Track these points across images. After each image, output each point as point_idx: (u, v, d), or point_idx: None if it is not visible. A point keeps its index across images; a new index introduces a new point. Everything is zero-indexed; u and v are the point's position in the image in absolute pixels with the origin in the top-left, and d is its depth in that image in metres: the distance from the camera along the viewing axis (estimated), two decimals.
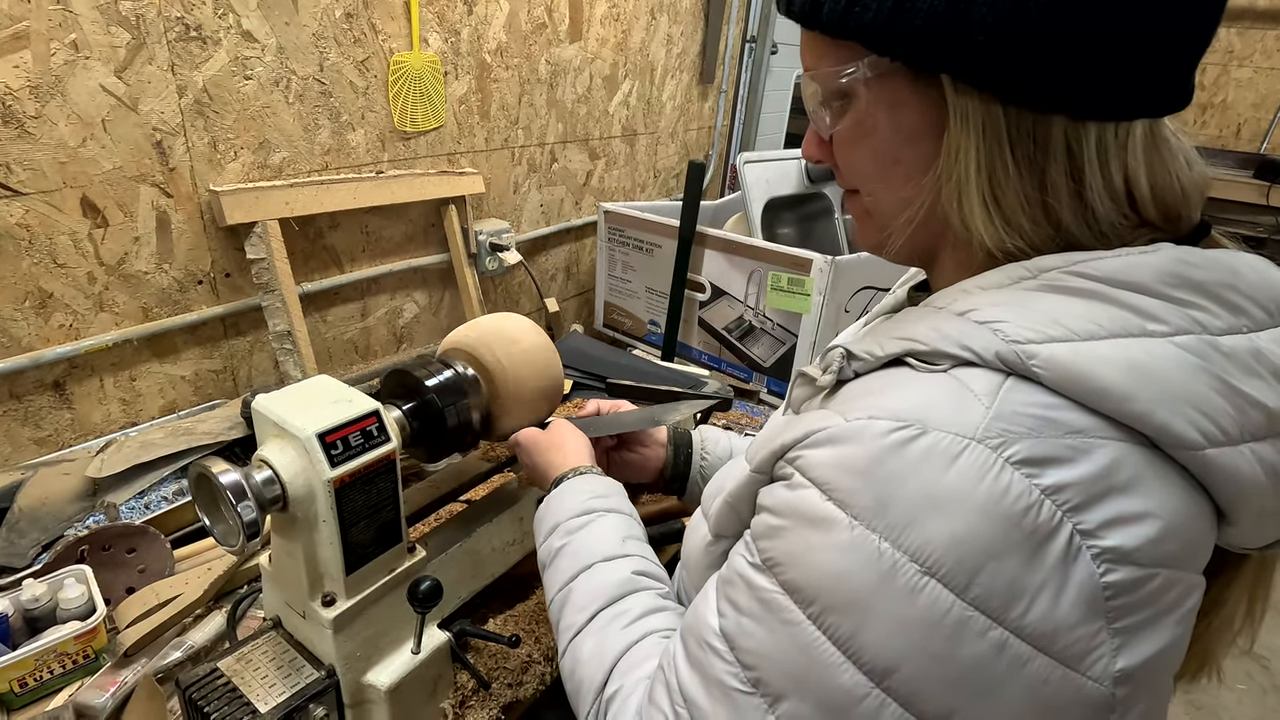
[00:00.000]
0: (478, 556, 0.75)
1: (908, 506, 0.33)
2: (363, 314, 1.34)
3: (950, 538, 0.32)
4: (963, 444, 0.32)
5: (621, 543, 0.56)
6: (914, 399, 0.35)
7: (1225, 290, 0.35)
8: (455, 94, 1.35)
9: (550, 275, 1.81)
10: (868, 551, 0.33)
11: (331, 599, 0.61)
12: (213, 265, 1.07)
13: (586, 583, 0.53)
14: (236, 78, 1.01)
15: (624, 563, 0.54)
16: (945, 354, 0.36)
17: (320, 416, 0.57)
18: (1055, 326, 0.34)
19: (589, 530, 0.57)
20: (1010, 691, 0.31)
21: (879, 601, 0.33)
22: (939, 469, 0.32)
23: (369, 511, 0.60)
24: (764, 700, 0.35)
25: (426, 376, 0.68)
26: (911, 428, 0.33)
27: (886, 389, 0.37)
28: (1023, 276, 0.37)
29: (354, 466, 0.57)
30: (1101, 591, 0.31)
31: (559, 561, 0.56)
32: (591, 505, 0.59)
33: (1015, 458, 0.32)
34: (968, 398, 0.34)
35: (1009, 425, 0.32)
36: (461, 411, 0.68)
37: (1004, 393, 0.33)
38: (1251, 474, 0.33)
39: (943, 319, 0.37)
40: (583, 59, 1.63)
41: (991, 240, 0.38)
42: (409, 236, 1.37)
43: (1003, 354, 0.34)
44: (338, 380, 0.64)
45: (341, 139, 1.18)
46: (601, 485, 0.61)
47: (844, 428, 0.36)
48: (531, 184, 1.62)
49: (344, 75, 1.15)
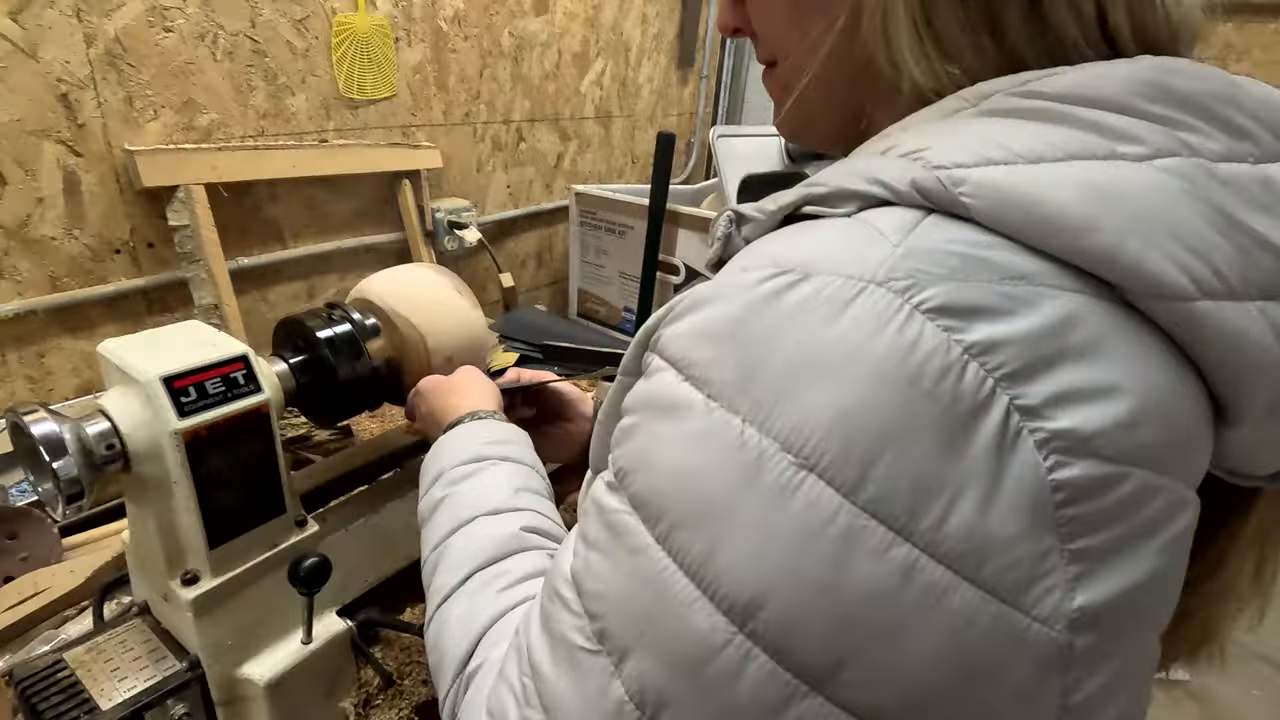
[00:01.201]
0: (389, 535, 0.66)
1: (779, 374, 0.24)
2: (309, 293, 1.25)
3: (835, 414, 0.23)
4: (856, 287, 0.24)
5: (513, 494, 0.47)
6: (801, 245, 0.26)
7: (1223, 106, 0.26)
8: (408, 62, 1.28)
9: (520, 261, 1.73)
10: (727, 440, 0.24)
11: (194, 576, 0.52)
12: (132, 233, 0.99)
13: (464, 539, 0.44)
14: (154, 29, 0.94)
15: (513, 517, 0.45)
16: (849, 193, 0.27)
17: (171, 359, 0.49)
18: (994, 149, 0.25)
19: (477, 479, 0.48)
20: (921, 635, 0.22)
21: (740, 510, 0.24)
22: (823, 321, 0.24)
23: (236, 474, 0.52)
24: (610, 659, 0.27)
25: (319, 327, 0.60)
26: (790, 273, 0.25)
27: (771, 240, 0.28)
28: (959, 107, 0.28)
29: (211, 418, 0.49)
30: (1050, 495, 0.22)
31: (438, 516, 0.47)
32: (484, 452, 0.50)
33: (930, 304, 0.23)
34: (872, 236, 0.25)
35: (922, 265, 0.24)
36: (358, 366, 0.60)
37: (921, 229, 0.25)
38: (1261, 341, 0.24)
39: (851, 160, 0.29)
40: (550, 34, 1.56)
41: (924, 76, 0.30)
42: (360, 212, 1.29)
43: (921, 182, 0.25)
44: (211, 327, 0.55)
45: (279, 103, 1.11)
46: (500, 431, 0.53)
47: (708, 287, 0.27)
48: (496, 163, 1.55)
49: (280, 34, 1.07)
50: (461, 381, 0.58)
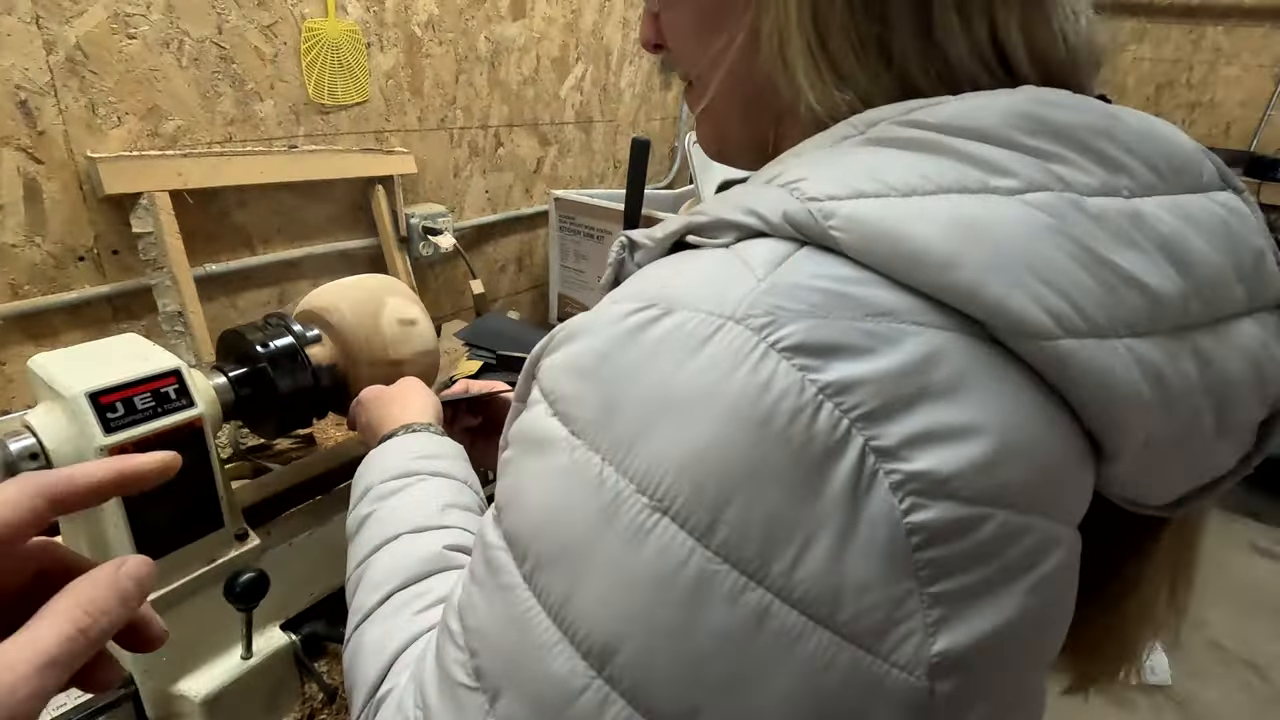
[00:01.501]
0: (336, 548, 0.66)
1: (637, 412, 0.24)
2: (280, 300, 1.25)
3: (687, 455, 0.23)
4: (715, 324, 0.23)
5: (440, 511, 0.46)
6: (672, 278, 0.26)
7: (1098, 139, 0.26)
8: (381, 67, 1.28)
9: (500, 266, 1.73)
10: (587, 478, 0.24)
11: None
12: (96, 241, 0.98)
13: (387, 557, 0.44)
14: (117, 36, 0.93)
15: (437, 535, 0.45)
16: (727, 223, 0.27)
17: (99, 374, 0.48)
18: (869, 180, 0.25)
19: (404, 495, 0.48)
20: (777, 682, 0.22)
21: (598, 551, 0.24)
22: (679, 358, 0.23)
23: (168, 490, 0.51)
24: (485, 698, 0.26)
25: (261, 340, 0.59)
26: (654, 308, 0.25)
27: (648, 270, 0.28)
28: (848, 134, 0.28)
29: (140, 434, 0.49)
30: (907, 538, 0.22)
31: (363, 532, 0.47)
32: (414, 467, 0.49)
33: (786, 342, 0.23)
34: (740, 270, 0.25)
35: (784, 301, 0.23)
36: (299, 378, 0.60)
37: (789, 263, 0.25)
38: (1128, 379, 0.24)
39: (742, 189, 0.29)
40: (528, 38, 1.56)
41: (820, 100, 0.30)
42: (332, 218, 1.29)
43: (793, 214, 0.25)
44: (147, 340, 0.55)
45: (247, 109, 1.10)
46: (433, 445, 0.52)
47: (581, 320, 0.27)
48: (474, 168, 1.55)
49: (247, 40, 1.07)
50: (400, 392, 0.58)
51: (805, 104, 0.30)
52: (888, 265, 0.24)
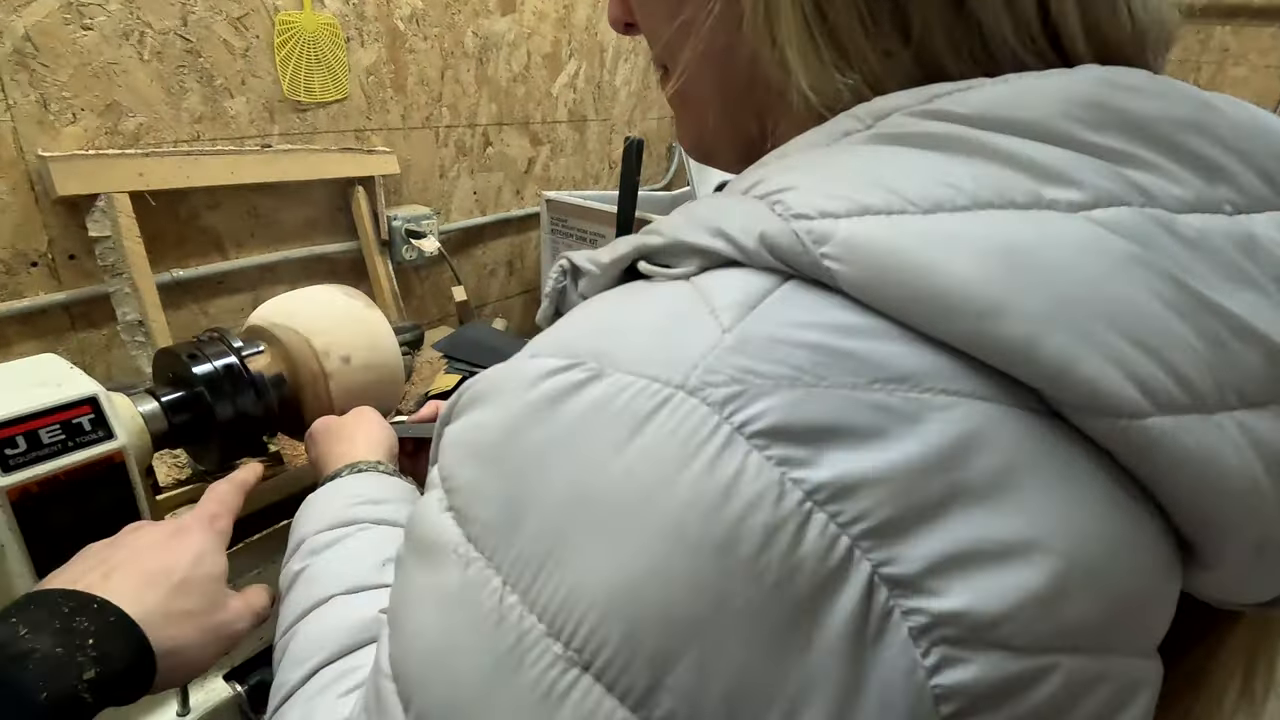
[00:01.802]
0: None
1: (549, 520, 0.18)
2: (255, 306, 1.19)
3: (615, 585, 0.17)
4: (659, 395, 0.17)
5: (379, 567, 0.40)
6: (607, 323, 0.20)
7: (1189, 136, 0.20)
8: (361, 63, 1.22)
9: (489, 270, 1.67)
10: (483, 610, 0.18)
11: None
12: (50, 245, 0.92)
13: (315, 625, 0.38)
14: (71, 26, 0.88)
15: (373, 597, 0.39)
16: (688, 247, 0.21)
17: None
18: (877, 191, 0.19)
19: (340, 548, 0.42)
20: None
21: (492, 715, 0.17)
22: (608, 445, 0.17)
23: (87, 532, 0.45)
24: None
25: (199, 360, 0.53)
26: (580, 367, 0.19)
27: (585, 310, 0.22)
28: (850, 129, 0.22)
29: (45, 471, 0.43)
30: (934, 706, 0.15)
31: (293, 592, 0.41)
32: (355, 514, 0.43)
33: (758, 424, 0.16)
34: (699, 316, 0.19)
35: (757, 362, 0.17)
36: (241, 404, 0.54)
37: (767, 305, 0.18)
38: (1241, 468, 0.17)
39: (710, 202, 0.23)
40: (518, 34, 1.50)
41: (816, 85, 0.24)
42: (310, 221, 1.23)
43: (773, 237, 0.19)
44: (66, 362, 0.49)
45: (217, 106, 1.04)
46: (379, 487, 0.46)
47: (492, 375, 0.21)
48: (462, 168, 1.49)
49: (215, 32, 1.01)
50: (349, 426, 0.52)
51: (797, 90, 0.24)
52: (904, 310, 0.17)
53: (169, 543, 0.40)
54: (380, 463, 0.48)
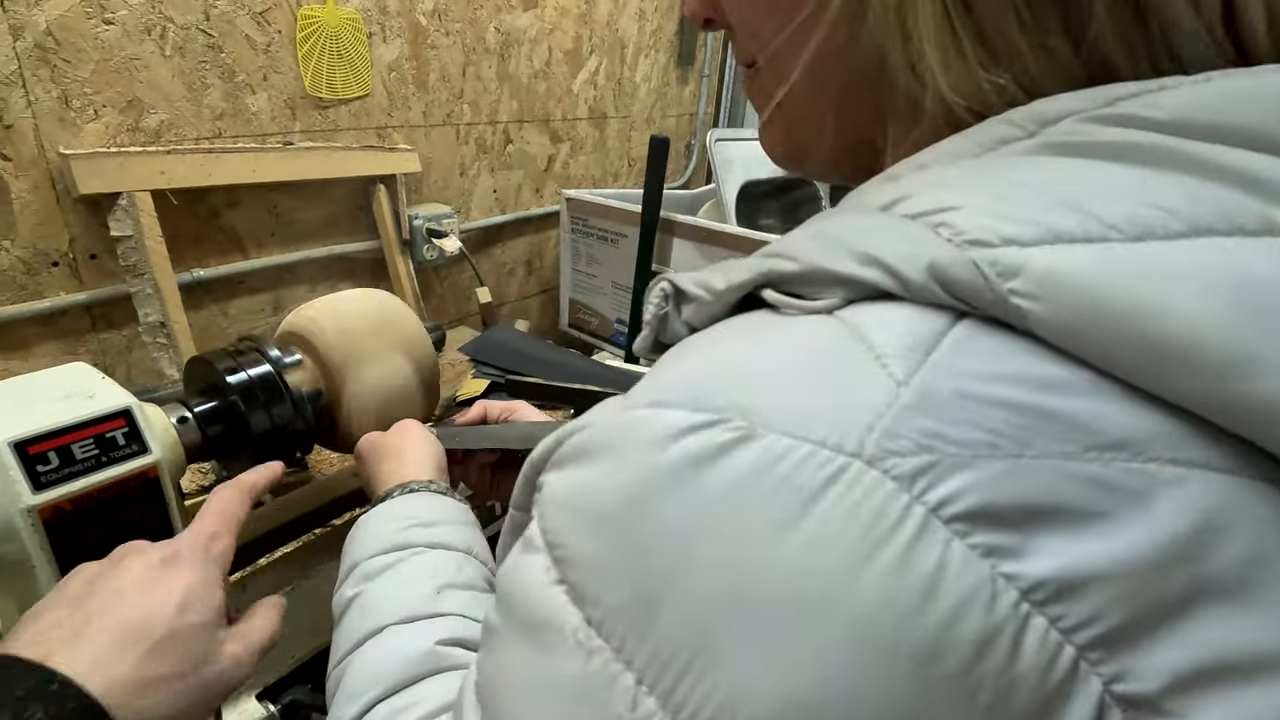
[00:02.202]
0: (319, 605, 0.58)
1: (695, 612, 0.15)
2: (275, 307, 1.17)
3: (788, 697, 0.14)
4: (830, 465, 0.15)
5: (434, 595, 0.38)
6: (747, 368, 0.17)
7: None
8: (383, 59, 1.19)
9: (508, 270, 1.65)
10: (610, 714, 0.15)
11: None
12: (72, 244, 0.90)
13: (370, 656, 0.36)
14: (92, 21, 0.85)
15: (429, 627, 0.36)
16: (831, 275, 0.18)
17: (29, 417, 0.40)
18: (1064, 212, 0.16)
19: (393, 575, 0.39)
20: None
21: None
22: (770, 527, 0.15)
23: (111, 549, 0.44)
24: None
25: (231, 369, 0.51)
26: (723, 425, 0.16)
27: (704, 348, 0.20)
28: (1008, 137, 0.20)
29: (79, 488, 0.41)
30: None
31: (346, 620, 0.39)
32: (408, 538, 0.41)
33: (957, 506, 0.14)
34: (861, 362, 0.16)
35: (945, 425, 0.15)
36: (277, 415, 0.51)
37: (943, 352, 0.16)
38: None
39: (838, 219, 0.20)
40: (539, 29, 1.47)
41: (957, 86, 0.21)
42: (330, 219, 1.21)
43: (946, 268, 0.16)
44: (96, 370, 0.47)
45: (238, 102, 1.02)
46: (431, 508, 0.44)
47: (608, 425, 0.18)
48: (482, 166, 1.46)
49: (237, 27, 0.99)
50: (394, 444, 0.49)
51: (932, 92, 0.22)
52: (1115, 360, 0.15)
53: (156, 581, 0.34)
54: (432, 481, 0.46)
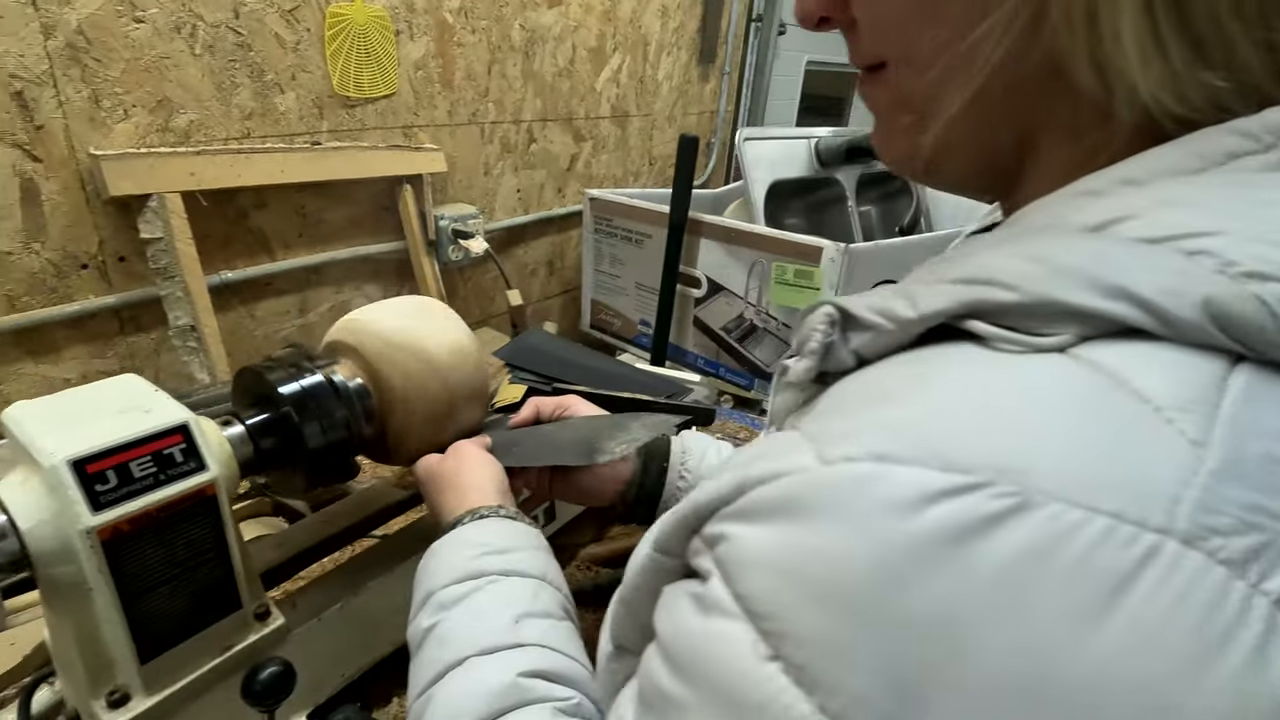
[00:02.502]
0: (369, 621, 0.56)
1: (980, 710, 0.13)
2: (301, 309, 1.16)
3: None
4: (1139, 543, 0.13)
5: (513, 625, 0.36)
6: (988, 413, 0.15)
7: None
8: (410, 57, 1.18)
9: (530, 270, 1.63)
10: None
11: (122, 696, 0.42)
12: (101, 247, 0.89)
13: (451, 691, 0.34)
14: (123, 19, 0.84)
15: (510, 658, 0.35)
16: (1064, 309, 0.16)
17: (86, 434, 0.39)
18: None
19: (470, 604, 0.38)
20: None
21: None
22: (1071, 614, 0.13)
23: (175, 571, 0.42)
24: None
25: (283, 380, 0.49)
26: (986, 491, 0.14)
27: (916, 389, 0.17)
28: (1238, 150, 0.18)
29: (138, 508, 0.39)
30: None
31: (424, 650, 0.37)
32: (481, 566, 0.40)
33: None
34: (1136, 415, 0.14)
35: (1265, 496, 0.13)
36: (331, 429, 0.50)
37: (1235, 404, 0.14)
38: None
39: (1049, 241, 0.18)
40: (564, 27, 1.45)
41: (1159, 90, 0.19)
42: (356, 220, 1.19)
43: (1223, 303, 0.14)
44: (148, 383, 0.45)
45: (267, 102, 1.01)
46: (502, 534, 0.42)
47: (817, 478, 0.16)
48: (505, 166, 1.45)
49: (267, 25, 0.97)
50: (452, 469, 0.48)
51: (1123, 96, 0.20)
52: None
53: None
54: (500, 506, 0.45)
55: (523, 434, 0.57)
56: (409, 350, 0.54)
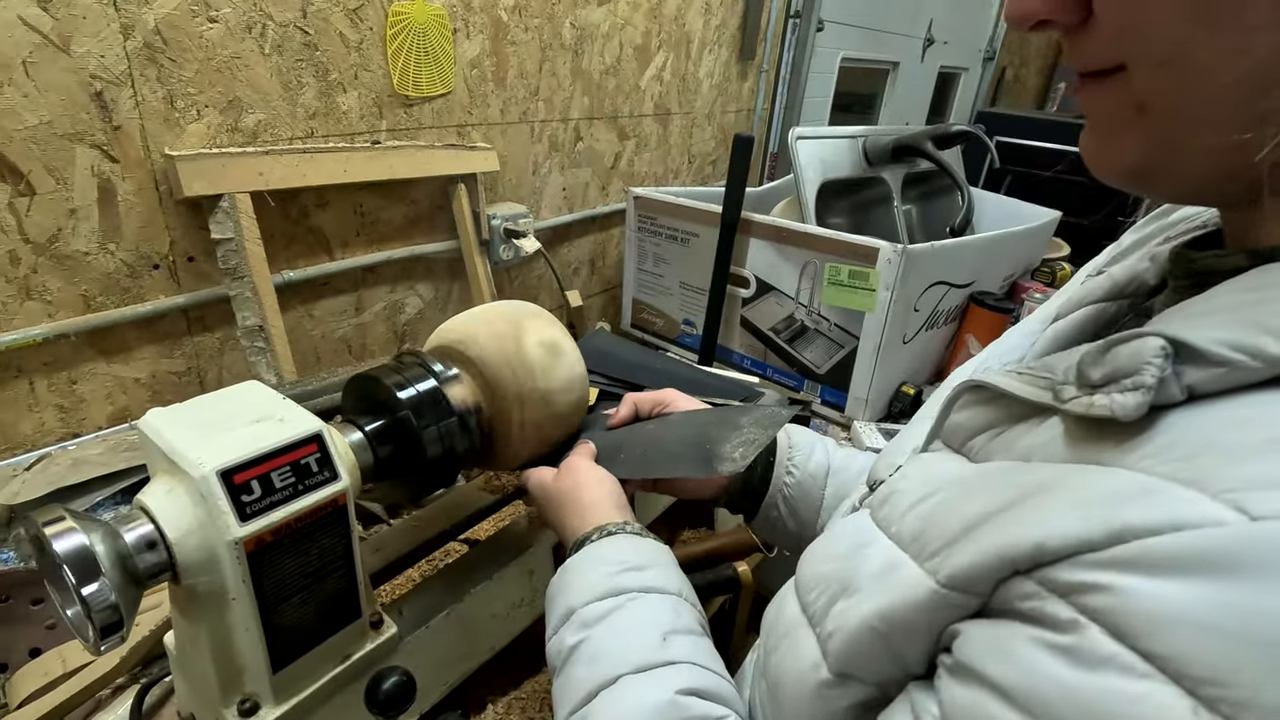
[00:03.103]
0: (472, 626, 0.56)
1: None
2: (357, 308, 1.16)
3: None
4: None
5: (661, 642, 0.36)
6: None
7: None
8: (466, 56, 1.17)
9: (573, 269, 1.62)
10: None
11: (253, 705, 0.42)
12: (172, 247, 0.89)
13: (611, 708, 0.34)
14: (198, 19, 0.84)
15: (665, 675, 0.35)
16: None
17: (229, 444, 0.39)
18: None
19: (615, 621, 0.38)
20: None
21: None
22: None
23: (306, 581, 0.42)
24: None
25: (400, 385, 0.49)
26: None
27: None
28: None
29: (279, 519, 0.39)
30: None
31: (573, 667, 0.37)
32: (622, 583, 0.39)
33: None
34: None
35: None
36: (448, 435, 0.49)
37: None
38: None
39: None
40: (612, 25, 1.44)
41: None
42: (411, 220, 1.19)
43: None
44: (273, 390, 0.45)
45: (330, 101, 1.01)
46: (637, 551, 0.42)
47: (1247, 535, 0.16)
48: (553, 164, 1.44)
49: (332, 24, 0.97)
50: (569, 487, 0.48)
51: None
52: None
53: None
54: (627, 523, 0.44)
55: (624, 435, 0.57)
56: (515, 357, 0.53)
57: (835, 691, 0.27)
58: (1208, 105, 0.23)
